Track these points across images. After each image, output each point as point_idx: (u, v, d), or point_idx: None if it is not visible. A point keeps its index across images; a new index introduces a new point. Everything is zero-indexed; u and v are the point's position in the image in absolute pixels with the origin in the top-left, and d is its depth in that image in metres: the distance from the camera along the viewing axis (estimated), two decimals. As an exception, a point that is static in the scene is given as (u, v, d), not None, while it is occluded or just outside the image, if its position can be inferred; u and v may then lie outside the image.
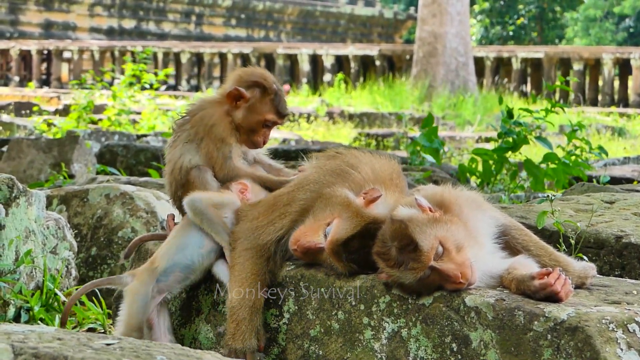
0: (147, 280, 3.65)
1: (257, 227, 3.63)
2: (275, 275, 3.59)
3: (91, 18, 39.93)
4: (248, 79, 3.96)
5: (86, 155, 8.91)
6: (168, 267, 3.68)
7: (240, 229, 3.67)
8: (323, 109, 22.12)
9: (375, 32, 47.80)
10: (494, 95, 25.26)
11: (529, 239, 3.46)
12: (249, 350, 3.51)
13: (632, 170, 9.46)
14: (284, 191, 3.71)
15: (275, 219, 3.61)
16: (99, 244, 5.32)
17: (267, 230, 3.60)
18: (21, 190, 4.29)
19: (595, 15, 56.78)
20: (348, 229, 3.40)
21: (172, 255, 3.69)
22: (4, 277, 4.21)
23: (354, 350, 3.38)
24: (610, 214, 4.52)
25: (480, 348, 3.14)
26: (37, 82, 32.73)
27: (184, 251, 3.69)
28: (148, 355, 2.48)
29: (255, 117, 3.93)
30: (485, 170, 8.32)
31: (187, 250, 3.69)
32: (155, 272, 3.67)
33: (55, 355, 2.40)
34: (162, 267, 3.68)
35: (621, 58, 27.62)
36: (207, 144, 3.88)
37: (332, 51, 31.09)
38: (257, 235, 3.61)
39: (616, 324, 3.01)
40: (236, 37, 42.95)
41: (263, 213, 3.66)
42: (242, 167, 3.91)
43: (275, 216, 3.62)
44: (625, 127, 20.53)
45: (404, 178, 3.68)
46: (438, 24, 26.35)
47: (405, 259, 3.17)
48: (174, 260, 3.68)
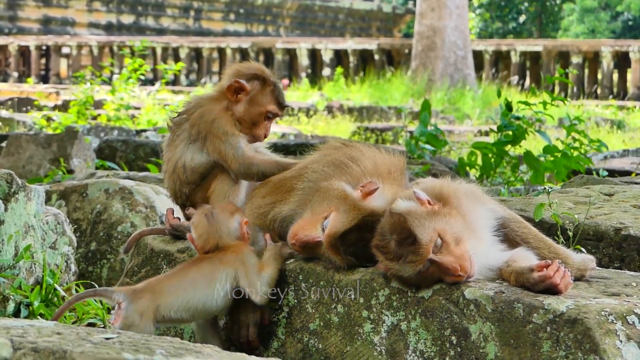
0: (147, 321, 3.33)
1: (261, 206, 3.72)
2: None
3: (90, 13, 39.90)
4: (247, 71, 3.97)
5: (85, 151, 8.90)
6: (173, 310, 3.39)
7: (250, 205, 3.77)
8: (322, 104, 22.12)
9: (374, 26, 47.77)
10: (493, 89, 25.25)
11: (528, 232, 3.46)
12: (252, 322, 3.55)
13: (631, 162, 9.46)
14: (287, 175, 3.76)
15: (277, 202, 3.67)
16: (98, 238, 5.32)
17: (270, 211, 3.67)
18: (20, 185, 4.29)
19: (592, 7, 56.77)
20: (345, 222, 3.40)
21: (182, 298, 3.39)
22: (4, 273, 4.21)
23: (354, 344, 3.38)
24: (610, 206, 4.51)
25: (480, 340, 3.14)
26: (35, 78, 32.71)
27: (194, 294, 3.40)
28: (147, 349, 2.48)
29: (257, 109, 3.93)
30: (485, 163, 8.31)
31: (198, 295, 3.41)
32: (158, 311, 3.37)
33: (54, 349, 2.40)
34: (167, 307, 3.38)
35: (620, 51, 27.62)
36: (212, 140, 3.86)
37: (331, 45, 31.09)
38: (261, 213, 3.69)
39: (615, 315, 3.01)
40: (235, 32, 42.92)
41: (269, 193, 3.75)
42: (255, 155, 3.89)
43: (278, 199, 3.69)
44: (624, 120, 20.53)
45: (405, 173, 3.68)
46: (437, 18, 26.34)
47: (404, 252, 3.17)
48: (175, 314, 3.39)
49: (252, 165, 3.85)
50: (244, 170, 3.86)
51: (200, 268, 3.42)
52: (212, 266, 3.42)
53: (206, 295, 3.38)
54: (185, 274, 3.42)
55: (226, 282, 3.40)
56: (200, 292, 3.38)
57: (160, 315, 3.35)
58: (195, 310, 3.39)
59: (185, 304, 3.37)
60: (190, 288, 3.38)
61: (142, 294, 3.34)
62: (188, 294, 3.37)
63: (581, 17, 56.69)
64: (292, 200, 3.64)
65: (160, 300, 3.34)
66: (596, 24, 55.87)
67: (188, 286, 3.38)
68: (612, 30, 55.85)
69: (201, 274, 3.40)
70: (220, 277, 3.40)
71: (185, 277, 3.40)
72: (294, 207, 3.62)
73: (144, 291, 3.36)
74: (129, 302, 3.32)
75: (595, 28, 55.48)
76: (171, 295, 3.36)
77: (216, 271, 3.41)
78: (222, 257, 3.45)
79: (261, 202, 3.74)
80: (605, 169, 8.40)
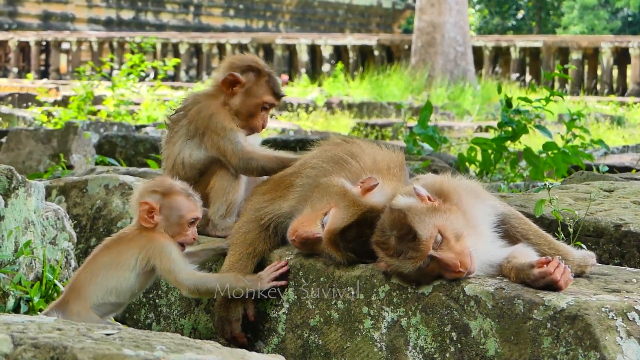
0: (86, 316, 3.45)
1: (260, 203, 3.73)
2: (271, 251, 3.64)
3: (89, 9, 39.86)
4: (241, 64, 3.97)
5: (85, 146, 8.90)
6: (100, 296, 3.50)
7: (250, 201, 3.79)
8: (322, 99, 22.10)
9: (373, 22, 47.74)
10: (492, 84, 25.24)
11: (528, 228, 3.46)
12: (234, 318, 3.54)
13: (631, 158, 9.46)
14: (287, 171, 3.76)
15: (276, 199, 3.67)
16: (98, 234, 5.31)
17: (269, 208, 3.67)
18: (20, 181, 4.29)
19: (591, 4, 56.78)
20: (345, 218, 3.40)
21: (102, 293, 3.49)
22: (4, 268, 4.21)
23: (354, 340, 3.38)
24: (610, 202, 4.51)
25: (480, 337, 3.14)
26: (35, 74, 32.67)
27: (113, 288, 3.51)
28: (148, 345, 2.48)
29: (253, 101, 3.93)
30: (485, 159, 8.31)
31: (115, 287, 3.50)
32: (90, 302, 3.48)
33: (55, 345, 2.40)
34: (94, 296, 3.49)
35: (620, 47, 27.59)
36: (210, 136, 3.86)
37: (330, 41, 31.06)
38: (260, 209, 3.70)
39: (616, 312, 3.01)
40: (234, 27, 42.89)
41: (269, 191, 3.76)
42: (254, 150, 3.89)
43: (277, 196, 3.69)
44: (624, 116, 20.53)
45: (404, 168, 3.68)
46: (436, 14, 26.32)
47: (404, 248, 3.17)
48: (103, 300, 3.50)
49: (252, 160, 3.85)
50: (243, 165, 3.85)
51: (110, 251, 3.52)
52: (120, 248, 3.51)
53: (119, 278, 3.47)
54: (95, 262, 3.52)
55: (136, 264, 3.47)
56: (113, 276, 3.47)
57: (95, 305, 3.46)
58: (118, 292, 3.47)
59: (106, 289, 3.47)
60: (104, 274, 3.48)
61: (67, 299, 3.48)
62: (104, 280, 3.47)
63: (581, 15, 56.68)
64: (292, 197, 3.64)
65: (83, 294, 3.46)
66: (595, 23, 55.86)
67: (101, 272, 3.48)
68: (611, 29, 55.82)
69: (108, 257, 3.50)
70: (129, 259, 3.47)
71: (95, 264, 3.51)
72: (294, 203, 3.62)
73: (68, 295, 3.48)
74: (62, 314, 3.44)
75: (595, 27, 55.47)
76: (90, 285, 3.46)
77: (125, 253, 3.49)
78: (130, 238, 3.52)
79: (260, 199, 3.74)
80: (605, 165, 8.40)
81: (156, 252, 3.45)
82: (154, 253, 3.45)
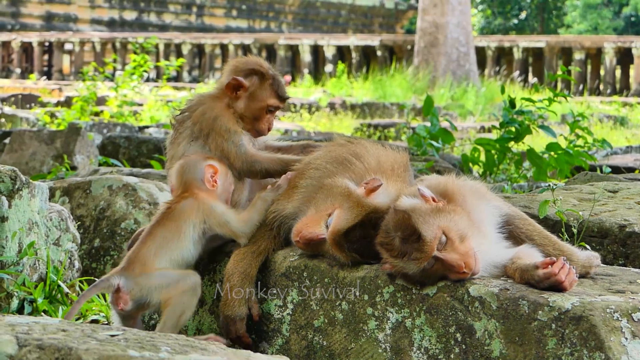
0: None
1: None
2: (275, 251, 3.65)
3: (92, 10, 39.90)
4: (244, 67, 3.95)
5: (88, 147, 8.90)
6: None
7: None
8: (325, 100, 22.10)
9: (376, 22, 47.75)
10: (495, 85, 25.24)
11: (532, 229, 3.46)
12: (238, 317, 3.54)
13: (634, 159, 9.45)
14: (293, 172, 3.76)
15: (280, 200, 3.66)
16: (102, 235, 5.32)
17: (272, 208, 3.66)
18: (24, 182, 4.29)
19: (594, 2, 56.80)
20: (349, 219, 3.40)
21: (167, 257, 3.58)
22: (8, 269, 4.21)
23: (358, 341, 3.38)
24: (614, 203, 4.51)
25: (485, 338, 3.14)
26: (38, 74, 32.70)
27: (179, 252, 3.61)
28: (152, 346, 2.48)
29: (258, 104, 3.92)
30: (488, 160, 8.32)
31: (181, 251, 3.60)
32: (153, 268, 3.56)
33: (59, 346, 2.40)
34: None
35: (622, 47, 27.58)
36: (214, 138, 3.85)
37: (333, 42, 31.07)
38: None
39: (620, 313, 3.01)
40: (237, 28, 42.91)
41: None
42: (258, 152, 3.88)
43: (281, 196, 3.66)
44: (627, 116, 20.52)
45: (409, 169, 3.68)
46: (439, 14, 26.32)
47: (408, 249, 3.17)
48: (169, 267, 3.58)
49: (256, 163, 3.85)
50: (247, 168, 3.85)
51: (165, 226, 3.58)
52: (176, 221, 3.58)
53: (183, 249, 3.56)
54: (154, 236, 3.57)
55: (194, 232, 3.58)
56: (176, 248, 3.55)
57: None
58: (181, 262, 3.56)
59: (170, 260, 3.54)
60: (165, 246, 3.55)
61: (133, 266, 3.51)
62: (168, 252, 3.55)
63: (584, 14, 56.68)
64: (296, 198, 3.63)
65: (149, 264, 3.51)
66: (599, 21, 55.87)
67: (163, 245, 3.55)
68: (614, 27, 55.83)
69: (168, 231, 3.57)
70: (187, 228, 3.57)
71: (156, 239, 3.56)
72: (298, 204, 3.61)
73: (133, 263, 3.52)
74: (126, 278, 3.48)
75: (598, 26, 55.49)
76: (156, 257, 3.52)
77: (182, 224, 3.57)
78: (182, 209, 3.60)
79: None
80: (609, 165, 8.40)
81: (207, 212, 3.59)
82: (206, 213, 3.59)
